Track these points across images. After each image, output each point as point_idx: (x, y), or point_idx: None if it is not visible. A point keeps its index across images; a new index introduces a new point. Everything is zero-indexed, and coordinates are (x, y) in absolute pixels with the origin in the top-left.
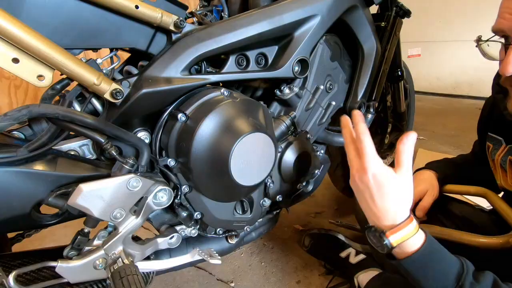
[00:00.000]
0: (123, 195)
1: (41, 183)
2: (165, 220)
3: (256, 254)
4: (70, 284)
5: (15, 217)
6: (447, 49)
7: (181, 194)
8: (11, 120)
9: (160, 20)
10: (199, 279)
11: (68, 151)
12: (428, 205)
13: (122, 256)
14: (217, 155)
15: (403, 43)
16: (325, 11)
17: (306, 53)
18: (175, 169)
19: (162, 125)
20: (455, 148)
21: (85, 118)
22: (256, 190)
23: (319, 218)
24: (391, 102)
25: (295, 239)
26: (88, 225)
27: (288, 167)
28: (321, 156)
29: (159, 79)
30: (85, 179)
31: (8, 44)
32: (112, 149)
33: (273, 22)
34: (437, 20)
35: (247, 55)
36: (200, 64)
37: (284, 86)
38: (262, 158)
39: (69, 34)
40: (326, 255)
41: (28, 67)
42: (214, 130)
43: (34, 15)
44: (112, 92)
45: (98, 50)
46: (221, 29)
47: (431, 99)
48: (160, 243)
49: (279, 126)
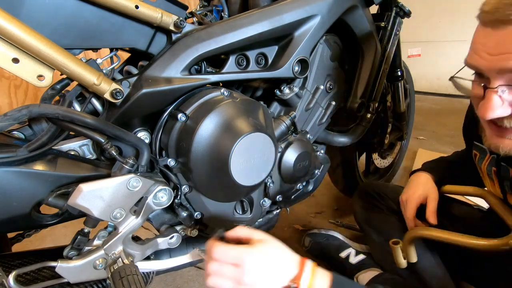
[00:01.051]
0: (123, 195)
1: (41, 183)
2: (165, 220)
3: None
4: (70, 284)
5: (15, 217)
6: (447, 49)
7: (181, 194)
8: (11, 120)
9: (160, 20)
10: (199, 279)
11: (68, 151)
12: (435, 209)
13: (122, 256)
14: (217, 155)
15: (403, 43)
16: (325, 11)
17: (306, 53)
18: (175, 169)
19: (162, 125)
20: (455, 148)
21: (85, 118)
22: (256, 190)
23: (319, 218)
24: (391, 102)
25: (295, 239)
26: (88, 225)
27: (288, 167)
28: (321, 156)
29: (159, 79)
30: (85, 179)
31: (8, 44)
32: (112, 149)
33: (273, 22)
34: (437, 20)
35: (247, 55)
36: (200, 64)
37: (284, 86)
38: (262, 158)
39: (69, 34)
40: (326, 255)
41: (28, 67)
42: (214, 130)
43: (34, 15)
44: (112, 92)
45: (98, 50)
46: (221, 29)
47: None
48: (160, 243)
49: (279, 126)
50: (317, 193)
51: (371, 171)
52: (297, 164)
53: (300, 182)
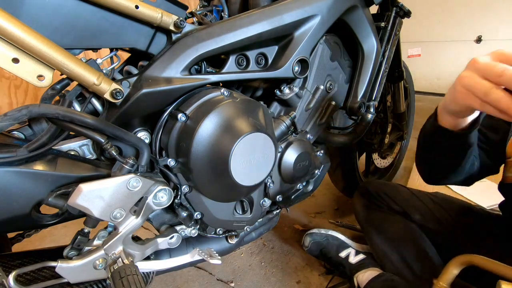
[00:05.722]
0: (123, 195)
1: (41, 183)
2: (165, 220)
3: (256, 254)
4: (70, 284)
5: (15, 217)
6: (447, 49)
7: (181, 194)
8: (11, 120)
9: (160, 20)
10: (199, 279)
11: (68, 151)
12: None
13: (122, 256)
14: (217, 155)
15: (403, 43)
16: (325, 11)
17: (306, 53)
18: (175, 169)
19: (162, 125)
20: None
21: (85, 118)
22: (256, 190)
23: (319, 218)
24: (391, 102)
25: (295, 239)
26: (88, 225)
27: (288, 167)
28: (321, 156)
29: (159, 79)
30: (85, 179)
31: (8, 44)
32: (112, 149)
33: (273, 22)
34: (437, 20)
35: (247, 55)
36: (200, 64)
37: (284, 86)
38: (262, 158)
39: (69, 34)
40: (326, 255)
41: (28, 67)
42: (214, 130)
43: (34, 15)
44: (112, 92)
45: (98, 50)
46: (221, 29)
47: (431, 99)
48: (160, 243)
49: (279, 126)
50: (317, 193)
51: (371, 171)
52: (297, 164)
53: (300, 182)
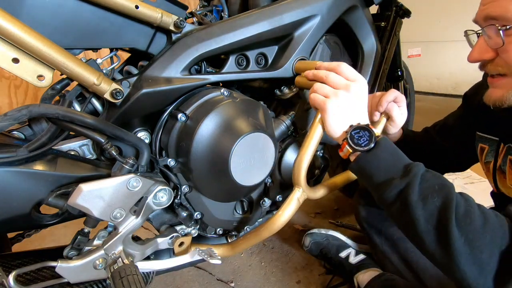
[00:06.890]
0: (123, 195)
1: (41, 183)
2: (165, 220)
3: (256, 254)
4: (70, 284)
5: (15, 217)
6: (447, 49)
7: (181, 194)
8: (11, 120)
9: (160, 20)
10: (199, 279)
11: (68, 151)
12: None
13: (122, 256)
14: (217, 155)
15: (403, 43)
16: (325, 11)
17: (306, 53)
18: (175, 169)
19: (162, 125)
20: None
21: (85, 118)
22: (256, 190)
23: (319, 218)
24: None
25: (295, 239)
26: (88, 225)
27: (288, 167)
28: (321, 156)
29: (159, 79)
30: (85, 179)
31: (8, 44)
32: (112, 149)
33: (273, 22)
34: (437, 20)
35: (247, 55)
36: (200, 64)
37: (284, 86)
38: (262, 158)
39: (69, 34)
40: (326, 255)
41: (28, 67)
42: (214, 130)
43: (34, 15)
44: (112, 92)
45: (98, 50)
46: (221, 29)
47: (431, 99)
48: (160, 243)
49: (279, 126)
50: None
51: None
52: None
53: None
